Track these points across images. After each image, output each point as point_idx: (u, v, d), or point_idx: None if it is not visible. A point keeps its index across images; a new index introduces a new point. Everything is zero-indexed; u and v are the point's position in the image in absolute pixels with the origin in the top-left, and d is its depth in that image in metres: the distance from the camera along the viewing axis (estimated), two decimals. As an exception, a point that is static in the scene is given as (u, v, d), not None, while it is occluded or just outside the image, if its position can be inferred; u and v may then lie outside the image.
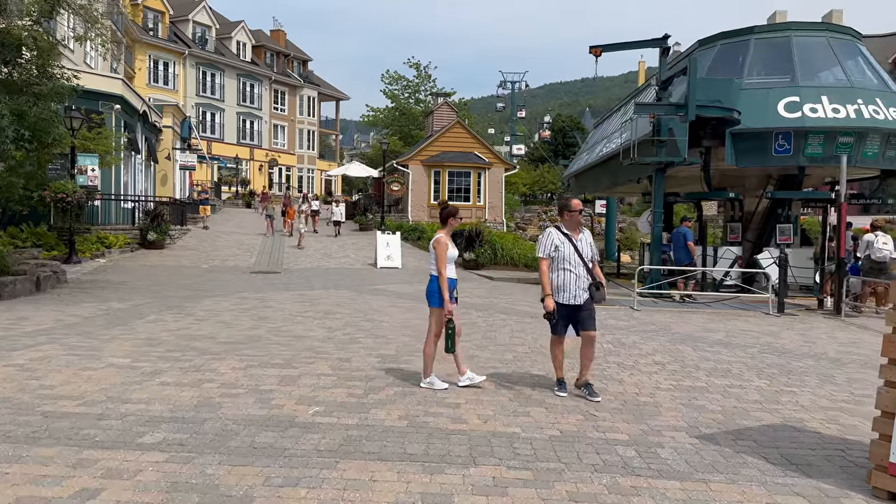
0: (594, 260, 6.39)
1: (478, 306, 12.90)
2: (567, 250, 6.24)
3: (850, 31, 18.07)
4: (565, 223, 6.36)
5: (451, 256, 6.46)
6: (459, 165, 32.53)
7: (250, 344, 8.57)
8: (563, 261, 6.25)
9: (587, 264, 6.28)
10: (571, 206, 6.34)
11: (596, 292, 6.27)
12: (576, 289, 6.24)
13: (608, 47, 16.34)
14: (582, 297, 6.25)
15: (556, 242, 6.25)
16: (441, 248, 6.39)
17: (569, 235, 6.29)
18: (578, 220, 6.36)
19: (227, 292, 14.14)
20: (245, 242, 25.76)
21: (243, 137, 55.79)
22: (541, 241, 6.40)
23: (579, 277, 6.24)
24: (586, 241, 6.38)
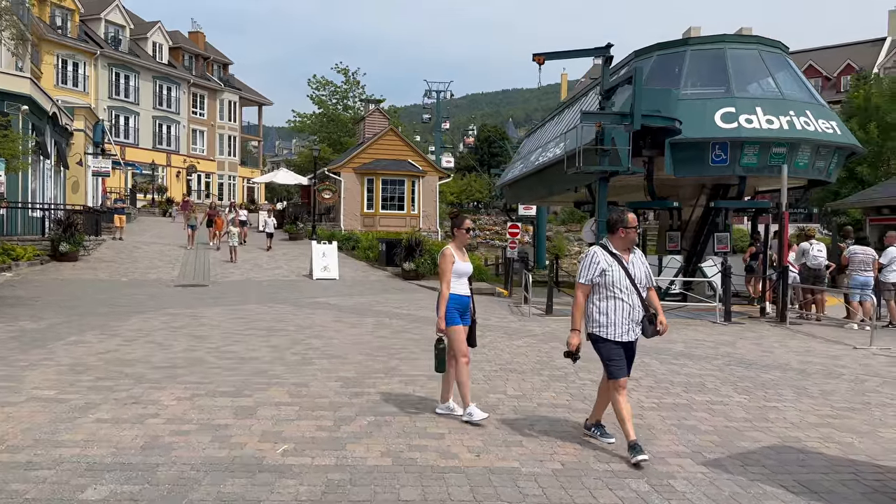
0: (650, 286, 5.26)
1: (431, 320, 12.27)
2: (616, 274, 5.04)
3: (780, 45, 18.60)
4: (616, 241, 5.14)
5: (461, 271, 5.80)
6: (393, 173, 31.92)
7: (191, 368, 7.75)
8: (611, 286, 5.03)
9: (641, 292, 5.12)
10: (628, 222, 5.07)
11: (648, 326, 5.11)
12: (629, 322, 5.06)
13: (551, 55, 16.19)
14: (635, 333, 5.12)
15: (604, 265, 5.05)
16: (445, 262, 5.75)
17: (618, 256, 5.11)
18: (634, 238, 5.14)
19: (154, 308, 13.09)
20: (166, 253, 24.32)
21: (160, 142, 53.34)
22: (583, 264, 5.20)
23: (633, 308, 5.06)
24: (639, 262, 5.20)
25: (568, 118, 24.05)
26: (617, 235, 5.15)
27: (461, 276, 5.83)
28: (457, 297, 5.75)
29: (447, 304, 5.69)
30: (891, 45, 61.17)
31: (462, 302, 5.81)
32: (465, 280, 5.87)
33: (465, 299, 5.86)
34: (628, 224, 5.11)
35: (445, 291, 5.70)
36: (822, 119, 17.41)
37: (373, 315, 12.78)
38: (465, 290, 5.89)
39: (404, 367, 8.09)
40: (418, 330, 11.09)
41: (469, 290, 5.95)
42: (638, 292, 5.10)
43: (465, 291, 5.88)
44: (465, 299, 5.86)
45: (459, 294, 5.79)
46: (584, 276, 5.13)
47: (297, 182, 38.54)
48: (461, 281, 5.83)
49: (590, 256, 5.17)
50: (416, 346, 9.62)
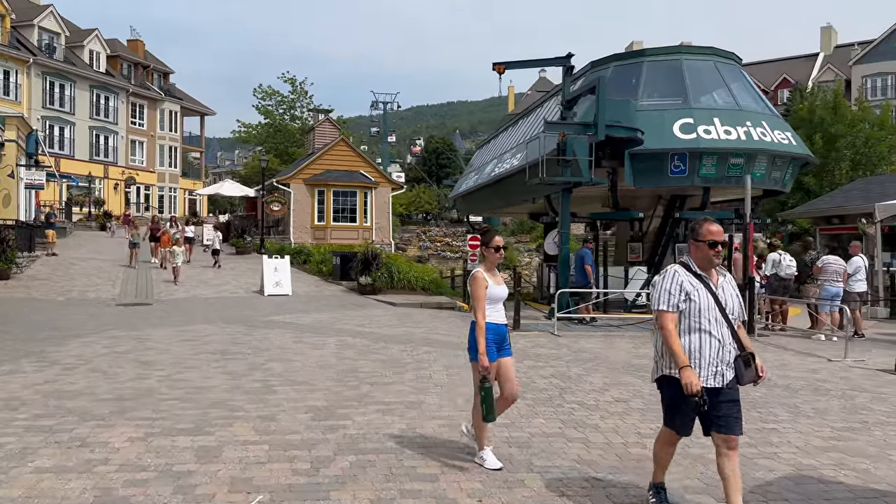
0: (742, 318, 4.16)
1: (396, 338, 11.77)
2: (703, 300, 3.97)
3: (734, 56, 18.78)
4: (699, 258, 4.03)
5: (495, 295, 5.04)
6: (345, 185, 31.14)
7: (142, 401, 7.00)
8: (696, 316, 3.96)
9: (732, 323, 4.03)
10: (707, 233, 3.98)
11: (744, 370, 3.96)
12: (717, 362, 3.94)
13: (511, 64, 15.89)
14: (726, 376, 3.96)
15: (688, 288, 3.99)
16: (478, 287, 4.98)
17: (704, 278, 4.02)
18: (720, 255, 4.05)
19: (95, 330, 12.14)
20: (105, 270, 23.01)
21: (97, 154, 51.16)
22: (660, 286, 4.08)
23: (723, 345, 3.96)
24: (729, 287, 4.11)
25: (524, 129, 23.87)
26: (699, 250, 4.04)
27: (496, 303, 5.08)
28: (493, 327, 5.01)
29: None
30: (823, 59, 63.60)
31: (499, 332, 5.07)
32: (500, 307, 5.14)
33: (503, 329, 5.12)
34: (708, 236, 3.97)
35: (482, 321, 4.92)
36: (778, 130, 17.60)
37: (334, 334, 12.13)
38: (501, 317, 5.14)
39: (377, 393, 7.51)
40: (385, 350, 10.50)
41: (503, 316, 5.18)
42: (729, 324, 4.01)
43: (502, 319, 5.13)
44: (503, 329, 5.12)
45: (496, 323, 5.04)
46: (666, 301, 4.01)
47: (243, 194, 37.35)
48: (496, 308, 5.09)
49: (669, 276, 4.07)
50: (385, 368, 9.04)
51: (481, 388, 4.88)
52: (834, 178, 27.49)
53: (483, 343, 4.86)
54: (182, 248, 22.19)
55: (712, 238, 3.97)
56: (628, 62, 18.58)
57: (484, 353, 4.84)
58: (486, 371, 4.86)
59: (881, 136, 27.24)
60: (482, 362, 4.85)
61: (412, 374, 8.58)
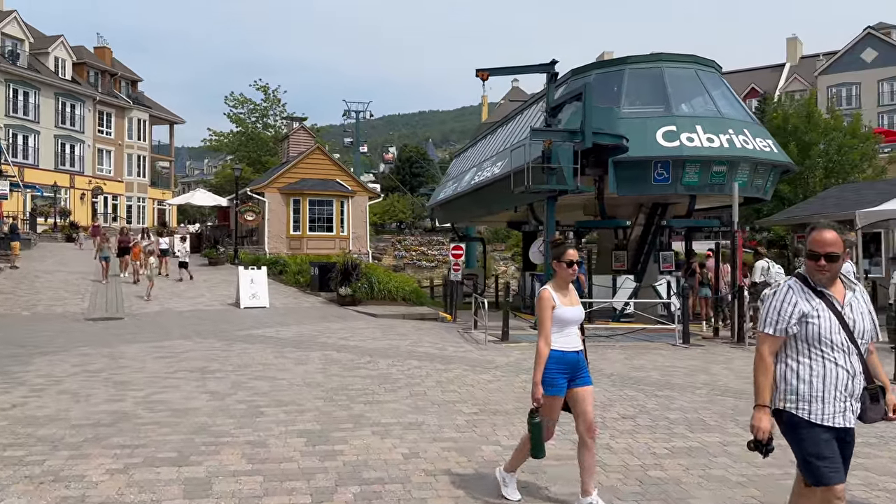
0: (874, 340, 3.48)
1: (382, 352, 11.36)
2: (826, 322, 3.30)
3: (714, 64, 18.77)
4: (816, 271, 3.33)
5: (565, 317, 4.34)
6: (321, 193, 30.59)
7: (119, 426, 6.51)
8: (817, 341, 3.30)
9: (862, 350, 3.36)
10: (818, 243, 3.30)
11: (870, 405, 3.37)
12: (845, 397, 3.31)
13: (495, 71, 15.65)
14: (854, 413, 3.36)
15: (804, 308, 3.32)
16: (544, 308, 4.31)
17: (827, 295, 3.34)
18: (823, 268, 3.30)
19: (64, 347, 11.53)
20: (73, 283, 22.20)
21: (62, 163, 49.86)
22: (769, 304, 3.45)
23: (853, 375, 3.32)
24: (860, 303, 3.40)
25: (504, 137, 23.64)
26: (807, 263, 3.37)
27: (567, 326, 4.36)
28: (561, 356, 4.30)
29: (546, 364, 4.28)
30: (790, 70, 64.70)
31: (569, 361, 4.34)
32: (572, 331, 4.40)
33: (573, 357, 4.38)
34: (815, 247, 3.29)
35: (544, 349, 4.26)
36: (759, 137, 17.58)
37: (318, 348, 11.67)
38: (574, 343, 4.40)
39: (372, 413, 7.10)
40: (372, 365, 10.09)
41: (581, 342, 4.48)
42: (859, 352, 3.33)
43: (574, 345, 4.39)
44: (573, 357, 4.38)
45: (564, 350, 4.33)
46: (773, 322, 3.36)
47: (215, 203, 36.56)
48: (567, 332, 4.37)
49: (781, 294, 3.40)
50: (376, 384, 8.63)
51: (530, 421, 4.30)
52: (808, 185, 27.72)
53: (539, 372, 4.26)
54: (156, 261, 21.10)
55: (819, 249, 3.27)
56: (610, 70, 18.44)
57: (538, 384, 4.25)
58: (537, 403, 4.27)
59: (853, 143, 27.58)
60: (534, 393, 4.28)
61: (405, 392, 8.18)
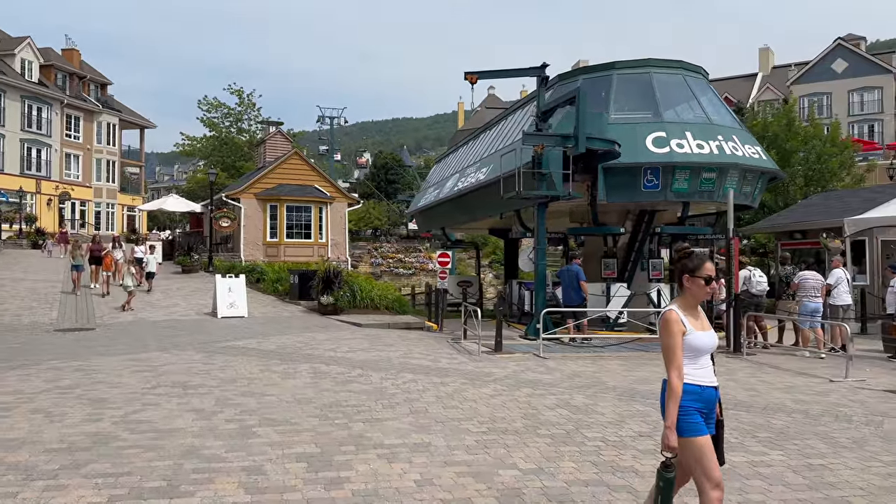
0: None
1: (373, 364, 10.86)
2: None
3: (701, 70, 18.63)
4: None
5: (699, 345, 3.60)
6: (298, 199, 29.94)
7: (98, 450, 5.96)
8: None
9: None
10: None
11: None
12: None
13: (484, 74, 15.29)
14: None
15: None
16: (672, 334, 3.54)
17: None
18: None
19: (34, 360, 10.85)
20: (40, 291, 21.31)
21: (28, 167, 48.43)
22: None
23: None
24: None
25: (488, 143, 23.29)
26: None
27: (700, 356, 3.62)
28: (694, 390, 3.55)
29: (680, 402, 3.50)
30: (762, 80, 65.56)
31: (705, 398, 3.58)
32: (705, 360, 3.65)
33: (710, 393, 3.62)
34: None
35: (677, 383, 3.48)
36: (748, 144, 17.46)
37: (304, 361, 11.13)
38: (708, 377, 3.64)
39: (373, 432, 6.62)
40: (365, 379, 9.59)
41: (713, 374, 3.71)
42: None
43: (709, 379, 3.64)
44: (710, 393, 3.62)
45: (699, 384, 3.58)
46: None
47: (189, 209, 35.65)
48: (701, 362, 3.63)
49: None
50: (371, 400, 8.14)
51: (661, 475, 3.48)
52: (788, 193, 27.83)
53: (674, 414, 3.45)
54: (133, 271, 19.78)
55: None
56: (597, 75, 18.18)
57: (673, 428, 3.45)
58: (671, 451, 3.45)
59: (833, 152, 27.76)
60: (667, 440, 3.45)
61: (405, 408, 7.71)
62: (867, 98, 59.42)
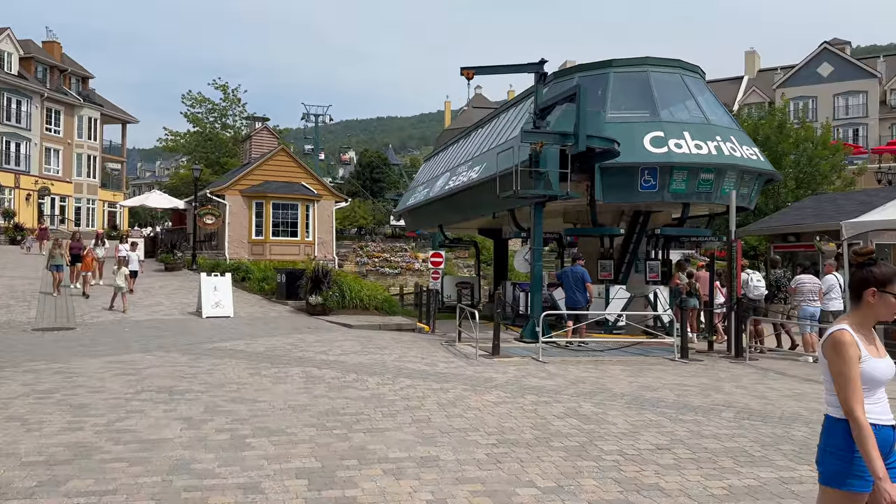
0: None
1: (367, 368, 10.43)
2: None
3: (699, 70, 18.39)
4: None
5: (877, 375, 2.96)
6: (285, 197, 29.35)
7: (79, 464, 5.50)
8: None
9: None
10: None
11: None
12: None
13: (481, 70, 14.90)
14: None
15: None
16: (847, 357, 2.91)
17: None
18: None
19: (10, 362, 10.32)
20: (17, 288, 20.65)
21: (7, 161, 47.38)
22: None
23: None
24: None
25: (479, 141, 22.93)
26: None
27: (877, 387, 2.99)
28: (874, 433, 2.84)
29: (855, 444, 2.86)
30: (748, 83, 65.81)
31: (883, 440, 2.90)
32: (881, 393, 3.01)
33: (887, 434, 2.95)
34: None
35: (864, 419, 2.82)
36: (746, 145, 17.24)
37: (296, 364, 10.69)
38: (885, 413, 2.98)
39: (375, 444, 6.21)
40: (360, 384, 9.17)
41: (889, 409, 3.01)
42: None
43: (886, 417, 2.97)
44: (887, 434, 2.95)
45: (878, 423, 2.92)
46: None
47: (172, 206, 34.94)
48: (877, 396, 2.99)
49: None
50: (370, 408, 7.73)
51: None
52: (779, 196, 27.72)
53: (877, 459, 2.75)
54: (125, 271, 18.62)
55: None
56: (593, 73, 17.84)
57: (885, 478, 2.73)
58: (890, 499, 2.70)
59: (824, 154, 27.69)
60: (883, 493, 2.70)
61: (407, 417, 7.30)
62: (852, 102, 59.84)
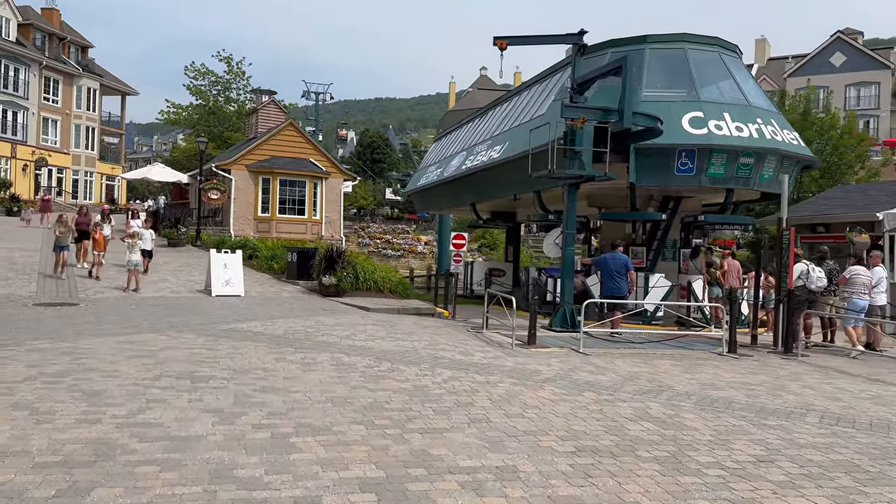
0: None
1: (399, 356, 9.66)
2: None
3: (737, 49, 17.53)
4: None
5: None
6: (292, 173, 28.40)
7: (102, 467, 4.72)
8: None
9: None
10: None
11: None
12: None
13: (515, 39, 13.98)
14: None
15: None
16: None
17: None
18: None
19: (13, 340, 9.52)
20: (17, 261, 19.77)
21: (4, 131, 46.22)
22: None
23: None
24: None
25: (498, 120, 22.04)
26: None
27: None
28: None
29: None
30: (758, 71, 64.82)
31: None
32: None
33: None
34: None
35: None
36: (786, 129, 16.46)
37: (320, 349, 9.90)
38: None
39: (438, 448, 5.44)
40: (398, 374, 8.40)
41: None
42: None
43: None
44: None
45: None
46: None
47: (175, 179, 33.97)
48: None
49: None
50: (417, 402, 6.96)
51: None
52: (802, 185, 26.96)
53: None
54: (140, 244, 17.23)
55: None
56: (627, 48, 16.93)
57: None
58: None
59: (850, 143, 26.90)
60: None
61: (461, 415, 6.54)
62: (864, 93, 59.01)
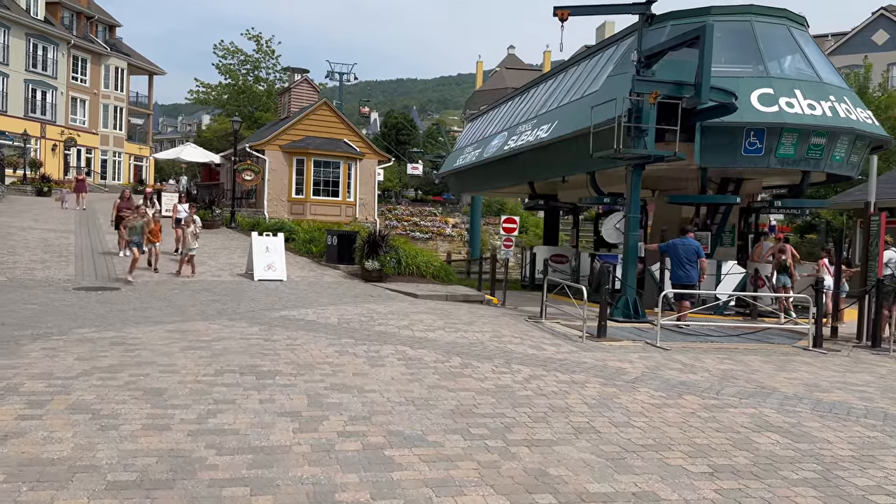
0: None
1: (466, 350, 8.98)
2: None
3: (805, 21, 16.48)
4: None
5: None
6: (327, 154, 27.74)
7: (183, 487, 4.12)
8: None
9: None
10: None
11: None
12: None
13: (577, 10, 13.11)
14: None
15: None
16: None
17: None
18: None
19: (58, 329, 8.99)
20: (52, 242, 19.38)
21: (33, 110, 46.08)
22: None
23: None
24: None
25: (542, 98, 21.17)
26: None
27: None
28: None
29: None
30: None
31: None
32: None
33: None
34: None
35: None
36: (860, 108, 15.45)
37: (381, 340, 9.27)
38: None
39: (555, 467, 4.76)
40: (473, 370, 7.74)
41: None
42: None
43: None
44: None
45: None
46: None
47: (207, 160, 33.50)
48: None
49: None
50: (506, 406, 6.29)
51: None
52: (856, 167, 25.75)
53: None
54: (193, 231, 15.81)
55: None
56: (689, 21, 15.95)
57: None
58: None
59: (907, 123, 25.65)
60: None
61: (562, 423, 5.86)
62: (908, 72, 56.90)
